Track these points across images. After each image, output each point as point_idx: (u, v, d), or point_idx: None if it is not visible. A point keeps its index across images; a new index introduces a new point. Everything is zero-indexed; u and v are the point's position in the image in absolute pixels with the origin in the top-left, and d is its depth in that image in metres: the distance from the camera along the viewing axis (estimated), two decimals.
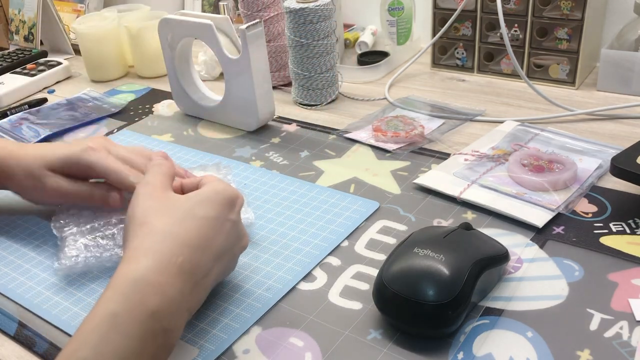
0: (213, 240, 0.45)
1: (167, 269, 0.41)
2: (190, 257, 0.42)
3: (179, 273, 0.41)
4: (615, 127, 0.72)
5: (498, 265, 0.48)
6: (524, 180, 0.60)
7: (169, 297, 0.39)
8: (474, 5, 0.86)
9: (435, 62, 0.94)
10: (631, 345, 0.42)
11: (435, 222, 0.58)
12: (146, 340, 0.37)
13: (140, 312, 0.38)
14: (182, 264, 0.41)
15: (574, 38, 0.80)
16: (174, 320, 0.40)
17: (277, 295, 0.50)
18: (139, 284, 0.39)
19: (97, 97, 0.95)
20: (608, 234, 0.53)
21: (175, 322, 0.40)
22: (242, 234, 0.49)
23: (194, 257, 0.43)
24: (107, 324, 0.37)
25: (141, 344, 0.37)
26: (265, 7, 0.87)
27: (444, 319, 0.43)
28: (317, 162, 0.70)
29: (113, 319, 0.37)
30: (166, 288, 0.40)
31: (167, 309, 0.39)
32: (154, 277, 0.40)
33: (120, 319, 0.37)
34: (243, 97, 0.77)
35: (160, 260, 0.41)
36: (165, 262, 0.41)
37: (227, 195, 0.47)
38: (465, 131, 0.74)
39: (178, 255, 0.42)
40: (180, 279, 0.41)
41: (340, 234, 0.57)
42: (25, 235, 0.62)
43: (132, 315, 0.37)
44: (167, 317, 0.39)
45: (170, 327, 0.39)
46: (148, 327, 0.38)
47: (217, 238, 0.45)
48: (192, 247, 0.43)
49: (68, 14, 1.28)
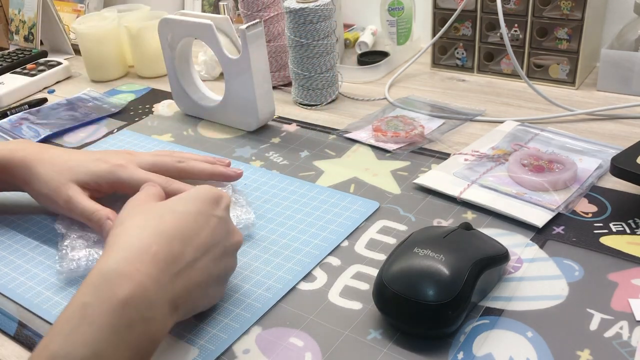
0: (196, 233, 0.44)
1: (138, 257, 0.40)
2: (167, 247, 0.42)
3: (153, 261, 0.40)
4: (615, 127, 0.72)
5: (498, 265, 0.48)
6: (524, 180, 0.60)
7: (141, 285, 0.38)
8: (474, 5, 0.86)
9: (435, 62, 0.94)
10: (631, 345, 0.42)
11: (435, 222, 0.58)
12: (120, 330, 0.36)
13: (110, 301, 0.37)
14: (156, 252, 0.41)
15: (574, 38, 0.80)
16: (151, 309, 0.39)
17: (277, 295, 0.50)
18: (109, 275, 0.39)
19: (97, 97, 0.95)
20: (608, 234, 0.53)
21: (154, 312, 0.39)
22: (232, 230, 0.48)
23: (172, 247, 0.42)
24: (78, 316, 0.36)
25: (115, 334, 0.36)
26: (265, 7, 0.87)
27: (444, 319, 0.43)
28: (317, 162, 0.70)
29: (83, 310, 0.37)
30: (138, 276, 0.39)
31: (141, 297, 0.38)
32: (125, 266, 0.39)
33: (91, 309, 0.37)
34: (243, 97, 0.77)
35: (131, 251, 0.40)
36: (136, 252, 0.40)
37: (209, 193, 0.48)
38: (465, 131, 0.75)
39: (152, 245, 0.41)
40: (154, 268, 0.40)
41: (340, 234, 0.57)
42: (25, 235, 0.62)
43: (102, 305, 0.37)
44: (141, 305, 0.38)
45: (148, 316, 0.38)
46: (120, 316, 0.37)
47: (201, 232, 0.45)
48: (168, 237, 0.42)
49: (68, 14, 1.28)
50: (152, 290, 0.39)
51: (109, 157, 0.61)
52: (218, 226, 0.46)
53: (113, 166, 0.59)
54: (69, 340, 0.35)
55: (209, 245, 0.45)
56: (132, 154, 0.62)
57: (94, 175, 0.58)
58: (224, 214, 0.48)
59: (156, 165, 0.61)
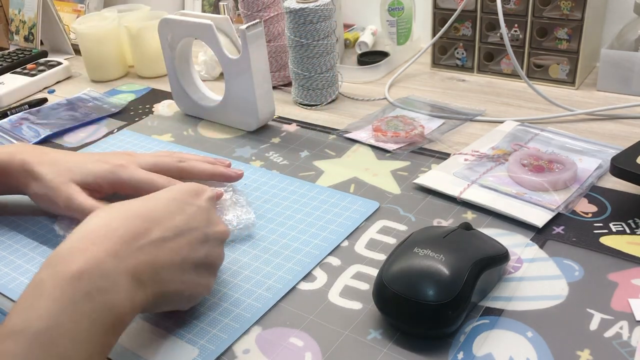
0: (166, 216, 0.44)
1: (96, 234, 0.41)
2: (130, 224, 0.42)
3: (111, 237, 0.41)
4: (615, 127, 0.72)
5: (498, 265, 0.48)
6: (524, 180, 0.60)
7: (95, 258, 0.39)
8: (474, 5, 0.86)
9: (435, 62, 0.94)
10: (631, 345, 0.42)
11: (435, 222, 0.58)
12: (76, 301, 0.37)
13: (64, 274, 0.37)
14: (116, 229, 0.41)
15: (574, 38, 0.80)
16: (108, 280, 0.39)
17: (277, 295, 0.50)
18: (63, 252, 0.39)
19: (97, 97, 0.95)
20: (608, 234, 0.54)
21: (111, 282, 0.39)
22: (214, 221, 0.48)
23: (135, 224, 0.42)
24: (33, 291, 0.37)
25: (71, 305, 0.36)
26: (265, 7, 0.87)
27: (444, 319, 0.43)
28: (317, 162, 0.70)
29: (39, 285, 0.37)
30: (92, 250, 0.39)
31: (95, 268, 0.38)
32: (79, 244, 0.40)
33: (45, 283, 0.37)
34: (243, 97, 0.77)
35: (90, 230, 0.41)
36: (94, 230, 0.41)
37: (189, 186, 0.49)
38: (465, 131, 0.75)
39: (112, 222, 0.42)
40: (111, 242, 0.40)
41: (340, 234, 0.57)
42: (25, 235, 0.62)
43: (56, 279, 0.37)
44: (96, 276, 0.38)
45: (105, 286, 0.38)
46: (75, 287, 0.37)
47: (174, 216, 0.45)
48: (132, 217, 0.43)
49: (68, 14, 1.28)
50: (108, 262, 0.39)
51: (109, 157, 0.61)
52: (197, 213, 0.46)
53: (114, 166, 0.59)
54: (26, 315, 0.36)
55: (182, 229, 0.45)
56: (133, 154, 0.62)
57: (95, 175, 0.58)
58: (206, 204, 0.48)
59: (157, 165, 0.61)
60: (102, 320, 0.38)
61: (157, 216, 0.44)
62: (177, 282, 0.44)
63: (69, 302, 0.36)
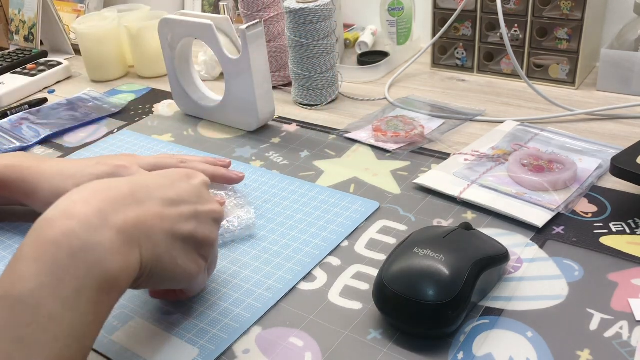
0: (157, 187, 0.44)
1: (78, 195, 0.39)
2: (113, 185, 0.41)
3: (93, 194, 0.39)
4: (615, 127, 0.72)
5: (498, 265, 0.48)
6: (524, 180, 0.60)
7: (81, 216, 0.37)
8: (474, 5, 0.86)
9: (435, 62, 0.94)
10: (631, 345, 0.42)
11: (435, 222, 0.58)
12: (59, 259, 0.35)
13: (44, 237, 0.36)
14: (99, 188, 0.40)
15: (574, 38, 0.80)
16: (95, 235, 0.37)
17: (277, 295, 0.50)
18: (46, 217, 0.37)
19: (97, 97, 0.95)
20: (608, 234, 0.54)
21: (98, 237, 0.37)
22: (207, 199, 0.47)
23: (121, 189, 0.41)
24: (15, 257, 0.36)
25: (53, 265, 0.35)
26: (265, 7, 0.87)
27: (444, 319, 0.43)
28: (317, 162, 0.70)
29: (20, 250, 0.36)
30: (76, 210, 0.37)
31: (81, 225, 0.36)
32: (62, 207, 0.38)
33: (26, 247, 0.36)
34: (243, 97, 0.77)
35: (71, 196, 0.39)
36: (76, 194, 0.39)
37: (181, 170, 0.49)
38: (465, 131, 0.75)
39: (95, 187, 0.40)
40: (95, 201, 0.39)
41: (340, 234, 0.57)
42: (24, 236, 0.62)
43: (38, 240, 0.36)
44: (82, 232, 0.36)
45: (92, 242, 0.36)
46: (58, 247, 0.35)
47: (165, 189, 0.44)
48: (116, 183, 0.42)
49: (68, 14, 1.28)
50: (92, 219, 0.37)
51: (110, 159, 0.61)
52: (187, 190, 0.46)
53: (114, 167, 0.59)
54: (8, 279, 0.34)
55: (172, 199, 0.44)
56: (134, 156, 0.62)
57: (97, 177, 0.58)
58: (198, 184, 0.48)
59: (158, 166, 0.61)
60: (91, 278, 0.36)
61: (147, 185, 0.43)
62: (169, 252, 0.42)
63: (51, 262, 0.35)
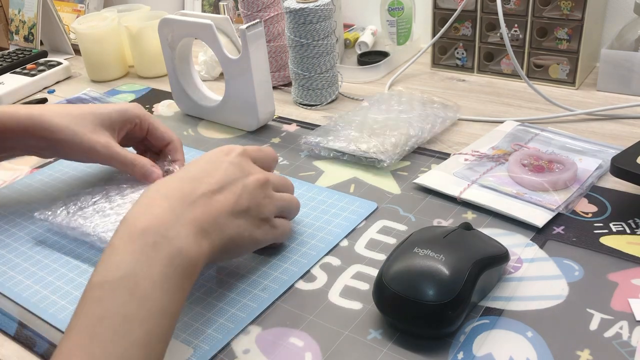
0: (207, 175, 0.48)
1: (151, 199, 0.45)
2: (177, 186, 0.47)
3: (166, 200, 0.45)
4: (615, 127, 0.72)
5: (498, 265, 0.48)
6: (524, 180, 0.60)
7: (158, 216, 0.43)
8: (474, 5, 0.86)
9: (435, 62, 0.94)
10: (631, 345, 0.42)
11: (435, 222, 0.58)
12: (146, 250, 0.41)
13: (130, 232, 0.42)
14: (166, 192, 0.46)
15: (574, 38, 0.80)
16: (172, 229, 0.43)
17: (273, 295, 0.50)
18: (128, 217, 0.43)
19: (97, 97, 0.95)
20: (608, 234, 0.53)
21: (175, 231, 0.43)
22: (247, 171, 0.51)
23: (183, 187, 0.46)
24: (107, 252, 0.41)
25: (142, 254, 0.40)
26: (265, 7, 0.87)
27: (444, 319, 0.43)
28: (317, 162, 0.70)
29: (111, 246, 0.41)
30: (153, 211, 0.44)
31: (159, 223, 0.42)
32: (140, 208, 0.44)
33: (116, 242, 0.41)
34: (243, 97, 0.77)
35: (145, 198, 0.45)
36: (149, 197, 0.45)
37: (219, 148, 0.52)
38: (465, 131, 0.75)
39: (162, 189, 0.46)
40: (168, 203, 0.45)
41: (337, 235, 0.57)
42: (24, 234, 0.62)
43: (124, 236, 0.42)
44: (161, 228, 0.42)
45: (171, 235, 0.42)
46: (143, 239, 0.41)
47: (214, 174, 0.48)
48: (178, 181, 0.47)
49: (68, 14, 1.28)
50: (168, 217, 0.43)
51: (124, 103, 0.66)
52: (229, 168, 0.50)
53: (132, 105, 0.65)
54: (104, 269, 0.40)
55: (222, 183, 0.48)
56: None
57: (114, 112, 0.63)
58: (236, 159, 0.51)
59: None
60: (174, 263, 0.41)
61: (200, 177, 0.48)
62: (235, 227, 0.48)
63: (140, 253, 0.40)
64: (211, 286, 0.52)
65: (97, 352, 0.36)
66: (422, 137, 0.71)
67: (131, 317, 0.38)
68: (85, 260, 0.57)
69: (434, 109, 0.75)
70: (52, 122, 0.61)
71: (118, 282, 0.39)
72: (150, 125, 0.66)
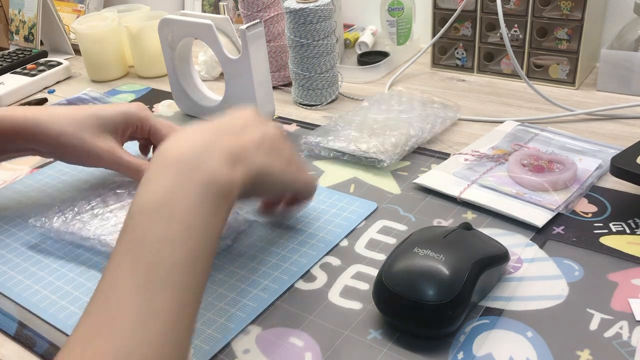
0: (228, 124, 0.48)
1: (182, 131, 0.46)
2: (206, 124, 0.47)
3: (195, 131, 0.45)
4: (615, 127, 0.72)
5: (498, 265, 0.48)
6: (524, 180, 0.60)
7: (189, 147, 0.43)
8: (474, 5, 0.86)
9: (435, 62, 0.94)
10: (631, 345, 0.42)
11: (435, 222, 0.58)
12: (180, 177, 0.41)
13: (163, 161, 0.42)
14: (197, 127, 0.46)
15: (574, 38, 0.80)
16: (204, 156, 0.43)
17: (273, 295, 0.50)
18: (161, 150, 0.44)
19: (97, 97, 0.95)
20: (608, 234, 0.53)
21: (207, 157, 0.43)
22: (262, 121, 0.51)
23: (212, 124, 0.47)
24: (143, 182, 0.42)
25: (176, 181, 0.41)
26: (265, 7, 0.87)
27: (444, 319, 0.43)
28: (317, 162, 0.70)
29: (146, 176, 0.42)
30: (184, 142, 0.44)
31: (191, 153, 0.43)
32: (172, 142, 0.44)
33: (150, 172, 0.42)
34: (243, 97, 0.77)
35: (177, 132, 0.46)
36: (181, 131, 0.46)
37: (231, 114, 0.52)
38: (465, 131, 0.75)
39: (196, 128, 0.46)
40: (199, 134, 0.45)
41: (337, 235, 0.57)
42: (23, 235, 0.62)
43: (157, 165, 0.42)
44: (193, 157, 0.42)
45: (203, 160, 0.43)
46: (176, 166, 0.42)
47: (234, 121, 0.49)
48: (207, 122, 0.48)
49: (68, 14, 1.28)
50: (199, 148, 0.43)
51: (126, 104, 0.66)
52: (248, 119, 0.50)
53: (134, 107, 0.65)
54: (141, 198, 0.41)
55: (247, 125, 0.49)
56: None
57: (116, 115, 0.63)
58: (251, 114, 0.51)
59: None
60: (209, 189, 0.42)
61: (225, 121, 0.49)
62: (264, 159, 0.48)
63: (174, 179, 0.41)
64: (211, 286, 0.52)
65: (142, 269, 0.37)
66: (422, 137, 0.71)
67: (173, 240, 0.39)
68: (85, 260, 0.57)
69: (434, 109, 0.75)
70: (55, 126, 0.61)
71: (156, 207, 0.40)
72: (152, 127, 0.66)
